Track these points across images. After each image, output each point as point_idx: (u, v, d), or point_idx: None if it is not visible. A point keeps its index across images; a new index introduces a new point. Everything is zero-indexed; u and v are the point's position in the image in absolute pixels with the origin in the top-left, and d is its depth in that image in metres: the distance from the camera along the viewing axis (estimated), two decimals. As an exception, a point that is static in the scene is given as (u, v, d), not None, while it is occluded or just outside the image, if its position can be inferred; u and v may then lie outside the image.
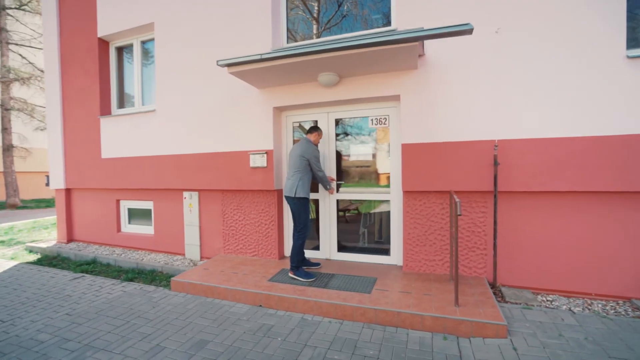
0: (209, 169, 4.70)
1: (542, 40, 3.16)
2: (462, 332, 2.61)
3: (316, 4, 4.38)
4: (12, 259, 5.43)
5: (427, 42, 3.47)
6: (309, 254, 4.41)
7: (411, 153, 3.61)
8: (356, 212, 4.46)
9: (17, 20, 12.74)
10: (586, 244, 3.18)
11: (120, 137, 5.44)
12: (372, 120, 4.08)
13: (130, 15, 5.23)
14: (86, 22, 5.67)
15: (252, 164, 4.41)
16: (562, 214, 3.23)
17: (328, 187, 3.90)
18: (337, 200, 4.33)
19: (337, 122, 4.30)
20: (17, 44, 12.42)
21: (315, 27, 4.37)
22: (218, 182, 4.66)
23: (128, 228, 5.72)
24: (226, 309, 3.30)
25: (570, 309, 3.00)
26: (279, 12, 4.40)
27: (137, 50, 5.53)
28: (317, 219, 4.46)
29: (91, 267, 4.79)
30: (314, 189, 4.25)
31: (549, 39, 3.15)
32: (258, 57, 3.33)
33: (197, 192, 4.93)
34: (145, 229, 5.52)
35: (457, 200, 2.53)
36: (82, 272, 4.61)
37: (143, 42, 5.49)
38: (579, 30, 3.06)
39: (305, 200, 3.63)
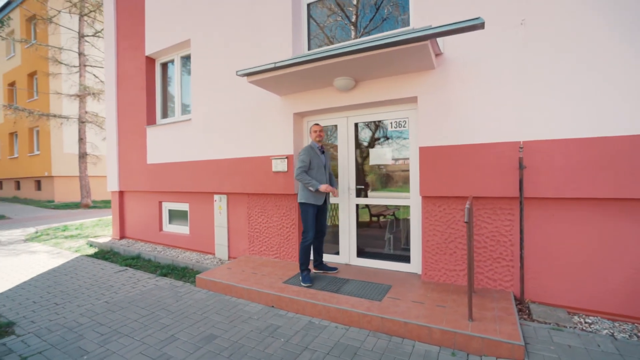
0: (236, 173, 4.95)
1: (576, 29, 2.84)
2: (473, 349, 2.41)
3: (354, 9, 4.39)
4: (76, 251, 6.21)
5: (445, 40, 3.32)
6: (329, 258, 4.42)
7: (429, 156, 3.46)
8: (392, 217, 4.33)
9: (92, 45, 14.66)
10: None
11: (162, 145, 5.97)
12: (391, 123, 3.99)
13: (171, 33, 5.74)
14: (137, 43, 6.34)
15: (274, 169, 4.56)
16: (605, 223, 2.84)
17: (312, 189, 3.61)
18: (357, 205, 4.29)
19: (357, 126, 4.27)
20: (91, 66, 14.27)
21: (353, 32, 4.36)
22: (244, 186, 4.88)
23: (168, 228, 6.23)
24: (241, 307, 3.44)
25: (612, 335, 2.61)
26: (300, 21, 4.51)
27: (177, 65, 6.05)
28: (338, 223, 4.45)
29: (135, 261, 5.29)
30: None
31: (586, 26, 2.81)
32: (272, 65, 3.46)
33: (225, 196, 5.22)
34: (182, 229, 5.96)
35: (467, 206, 2.36)
36: (126, 265, 5.11)
37: (182, 58, 5.98)
38: (623, 17, 2.70)
39: (305, 205, 3.68)
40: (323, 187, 3.60)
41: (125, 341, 2.76)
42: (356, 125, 4.26)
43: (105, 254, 5.87)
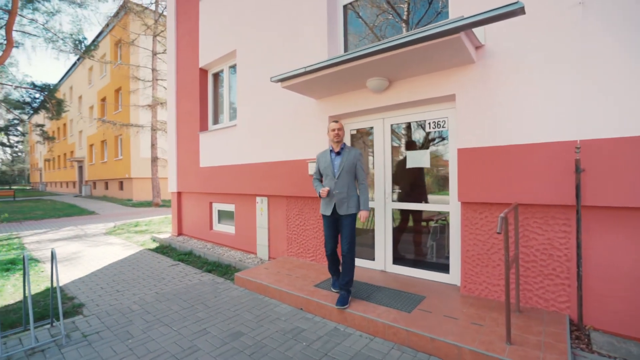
0: (275, 176, 5.11)
1: (652, 6, 2.36)
2: (508, 376, 2.14)
3: (405, 6, 4.25)
4: (141, 245, 6.98)
5: (486, 30, 3.02)
6: (364, 263, 4.32)
7: (467, 159, 3.17)
8: (445, 222, 4.06)
9: (163, 61, 16.45)
10: None
11: (212, 149, 6.42)
12: (429, 123, 3.75)
13: (220, 46, 6.17)
14: (192, 57, 6.94)
15: (310, 172, 4.60)
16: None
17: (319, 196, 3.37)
18: (393, 210, 4.11)
19: (393, 127, 4.10)
20: (162, 79, 16.01)
21: (404, 29, 4.22)
22: (282, 188, 5.01)
23: (217, 227, 6.66)
24: (271, 307, 3.52)
25: (702, 377, 2.11)
26: (335, 24, 4.50)
27: (226, 74, 6.47)
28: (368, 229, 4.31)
29: (187, 257, 5.76)
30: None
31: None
32: (302, 70, 3.50)
33: (266, 198, 5.41)
34: (229, 229, 6.33)
35: (501, 215, 2.11)
36: (179, 260, 5.59)
37: (230, 67, 6.38)
38: None
39: (322, 216, 3.46)
40: (322, 191, 3.24)
41: (164, 330, 3.02)
42: (392, 126, 4.10)
43: (163, 249, 6.50)
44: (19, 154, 51.32)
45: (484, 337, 2.43)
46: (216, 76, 6.89)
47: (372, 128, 4.28)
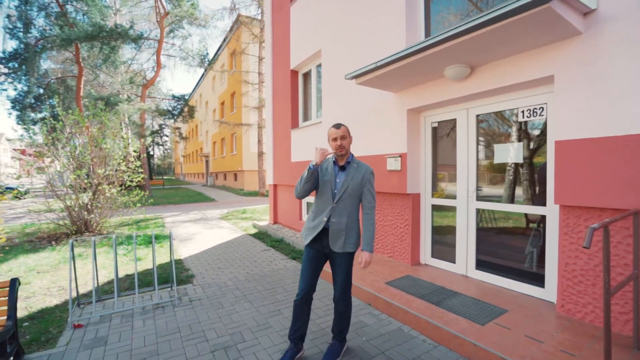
0: (354, 171, 5.18)
1: None
2: (601, 422, 1.75)
3: None
4: (244, 230, 8.07)
5: (600, -7, 2.41)
6: (442, 265, 4.06)
7: (568, 153, 2.62)
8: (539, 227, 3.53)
9: (267, 64, 18.26)
10: None
11: (301, 145, 6.89)
12: (522, 111, 3.22)
13: (307, 46, 6.53)
14: (285, 60, 7.53)
15: (388, 167, 4.51)
16: None
17: None
18: (477, 209, 3.71)
19: (479, 118, 3.67)
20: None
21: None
22: (361, 183, 5.05)
23: (304, 218, 7.16)
24: (341, 298, 3.66)
25: None
26: (415, 13, 4.23)
27: (313, 73, 6.81)
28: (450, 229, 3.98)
29: (278, 244, 6.41)
30: (450, 194, 3.82)
31: None
32: (373, 65, 3.45)
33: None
34: (314, 220, 6.73)
35: (591, 227, 1.71)
36: (271, 246, 6.27)
37: (317, 67, 6.68)
38: None
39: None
40: (318, 152, 2.25)
41: (247, 306, 3.50)
42: (477, 117, 3.67)
43: (260, 235, 7.36)
44: (167, 150, 64.86)
45: (573, 368, 2.04)
46: (306, 76, 7.32)
47: (454, 120, 3.92)
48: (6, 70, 16.22)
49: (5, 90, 17.01)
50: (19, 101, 18.07)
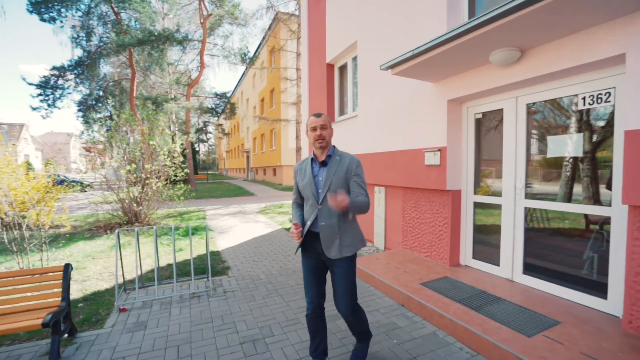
0: (392, 166, 4.99)
1: None
2: None
3: None
4: (280, 224, 8.19)
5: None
6: (483, 267, 3.77)
7: (642, 145, 2.24)
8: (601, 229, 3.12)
9: (305, 60, 18.34)
10: None
11: (338, 139, 6.76)
12: (584, 99, 2.83)
13: (343, 39, 6.38)
14: (320, 53, 7.45)
15: (426, 162, 4.27)
16: None
17: None
18: (525, 208, 3.36)
19: (529, 107, 3.31)
20: (304, 77, 17.96)
21: None
22: (398, 179, 4.85)
23: (339, 213, 7.07)
24: (374, 298, 3.55)
25: None
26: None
27: (349, 66, 6.65)
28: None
29: (311, 238, 6.41)
30: (496, 191, 3.51)
31: None
32: (410, 54, 3.24)
33: (384, 188, 5.37)
34: (349, 216, 6.62)
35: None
36: (305, 241, 6.28)
37: (352, 59, 6.52)
38: None
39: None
40: (292, 230, 2.05)
41: (278, 300, 3.51)
42: (528, 106, 3.30)
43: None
44: (211, 146, 68.26)
45: (642, 396, 1.75)
46: (342, 70, 7.18)
47: (501, 110, 3.58)
48: (72, 77, 18.00)
49: (70, 93, 18.89)
50: (83, 103, 20.03)
